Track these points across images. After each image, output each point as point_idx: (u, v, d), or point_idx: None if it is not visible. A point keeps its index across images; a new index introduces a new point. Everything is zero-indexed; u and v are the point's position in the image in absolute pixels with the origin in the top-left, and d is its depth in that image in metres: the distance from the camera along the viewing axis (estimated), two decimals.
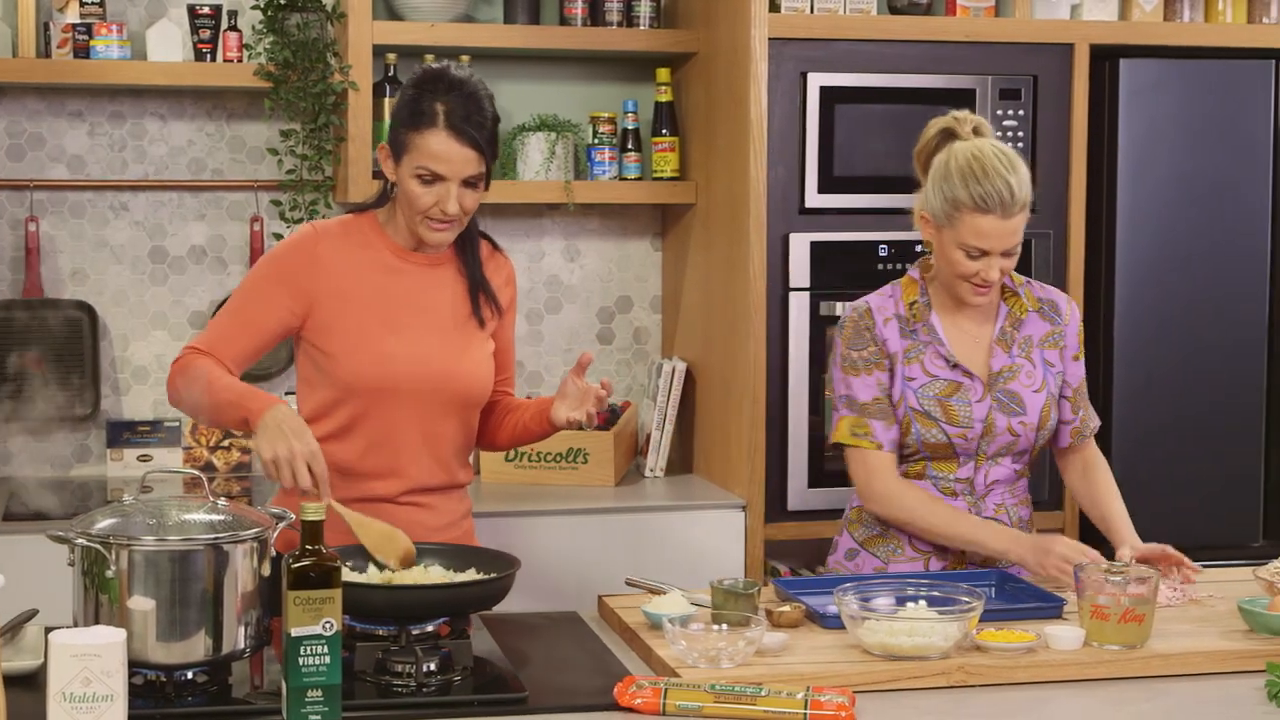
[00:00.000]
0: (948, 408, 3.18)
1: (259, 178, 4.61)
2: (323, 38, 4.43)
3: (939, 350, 3.20)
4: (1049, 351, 3.25)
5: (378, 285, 3.11)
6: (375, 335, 3.08)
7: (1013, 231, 3.08)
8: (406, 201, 3.07)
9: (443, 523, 3.16)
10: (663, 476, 4.60)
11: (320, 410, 3.11)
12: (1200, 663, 2.70)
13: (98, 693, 2.20)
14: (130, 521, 2.47)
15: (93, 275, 4.57)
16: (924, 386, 3.19)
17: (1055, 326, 3.26)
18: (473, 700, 2.48)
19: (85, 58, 4.33)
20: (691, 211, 4.66)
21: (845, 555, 3.33)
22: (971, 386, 3.19)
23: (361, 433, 3.09)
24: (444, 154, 3.01)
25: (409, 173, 3.04)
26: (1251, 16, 4.66)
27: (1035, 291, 3.28)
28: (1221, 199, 4.53)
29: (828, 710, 2.40)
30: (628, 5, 4.60)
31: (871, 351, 3.21)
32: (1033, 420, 3.21)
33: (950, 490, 3.21)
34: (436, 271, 3.16)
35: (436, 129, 3.01)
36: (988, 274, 3.11)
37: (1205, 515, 4.55)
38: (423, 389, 3.08)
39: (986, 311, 3.25)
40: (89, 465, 4.58)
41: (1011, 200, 3.06)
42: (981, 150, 3.10)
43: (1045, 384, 3.23)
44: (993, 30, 4.44)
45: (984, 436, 3.18)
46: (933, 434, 3.18)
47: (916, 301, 3.23)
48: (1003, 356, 3.22)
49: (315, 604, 2.31)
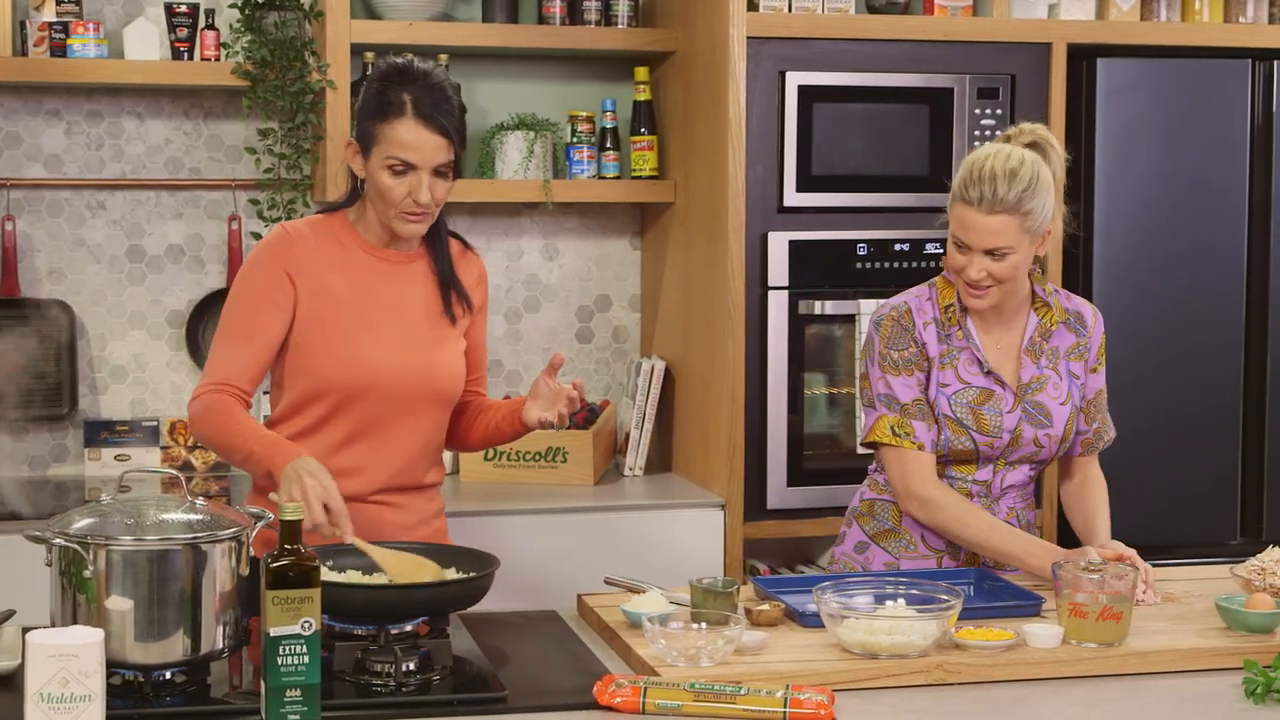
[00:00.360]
0: (979, 416, 3.18)
1: (237, 177, 4.60)
2: (300, 36, 4.42)
3: (974, 355, 3.20)
4: (1074, 364, 3.25)
5: (349, 283, 3.11)
6: (347, 333, 3.08)
7: (994, 231, 3.08)
8: (378, 195, 3.06)
9: (413, 521, 3.16)
10: (642, 475, 4.60)
11: (292, 408, 3.11)
12: (1178, 660, 2.70)
13: (76, 693, 2.20)
14: (108, 521, 2.46)
15: (70, 274, 4.55)
16: (958, 393, 3.18)
17: (1081, 339, 3.26)
18: (452, 700, 2.48)
19: (62, 56, 4.31)
20: (670, 210, 4.66)
21: (855, 548, 3.33)
22: (1003, 396, 3.19)
23: (332, 430, 3.09)
24: (413, 142, 3.01)
25: (379, 165, 3.03)
26: (1228, 16, 4.67)
27: (1063, 301, 3.28)
28: (1198, 198, 4.54)
29: (807, 709, 2.40)
30: (606, 4, 4.60)
31: (913, 352, 3.20)
32: (1058, 433, 3.21)
33: (965, 491, 3.22)
34: (408, 268, 3.16)
35: (405, 118, 3.01)
36: (969, 271, 3.11)
37: (1183, 513, 4.56)
38: (394, 386, 3.09)
39: (1014, 319, 3.24)
40: (66, 465, 4.57)
41: (994, 198, 3.06)
42: (995, 152, 3.12)
43: (1070, 396, 3.23)
44: (970, 29, 4.45)
45: (1010, 446, 3.19)
46: (961, 441, 3.18)
47: (952, 305, 3.22)
48: (1031, 367, 3.21)
49: (294, 603, 2.31)
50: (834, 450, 4.43)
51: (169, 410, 4.61)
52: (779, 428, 4.33)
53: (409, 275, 3.16)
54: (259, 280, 3.10)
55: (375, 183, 3.06)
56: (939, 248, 4.39)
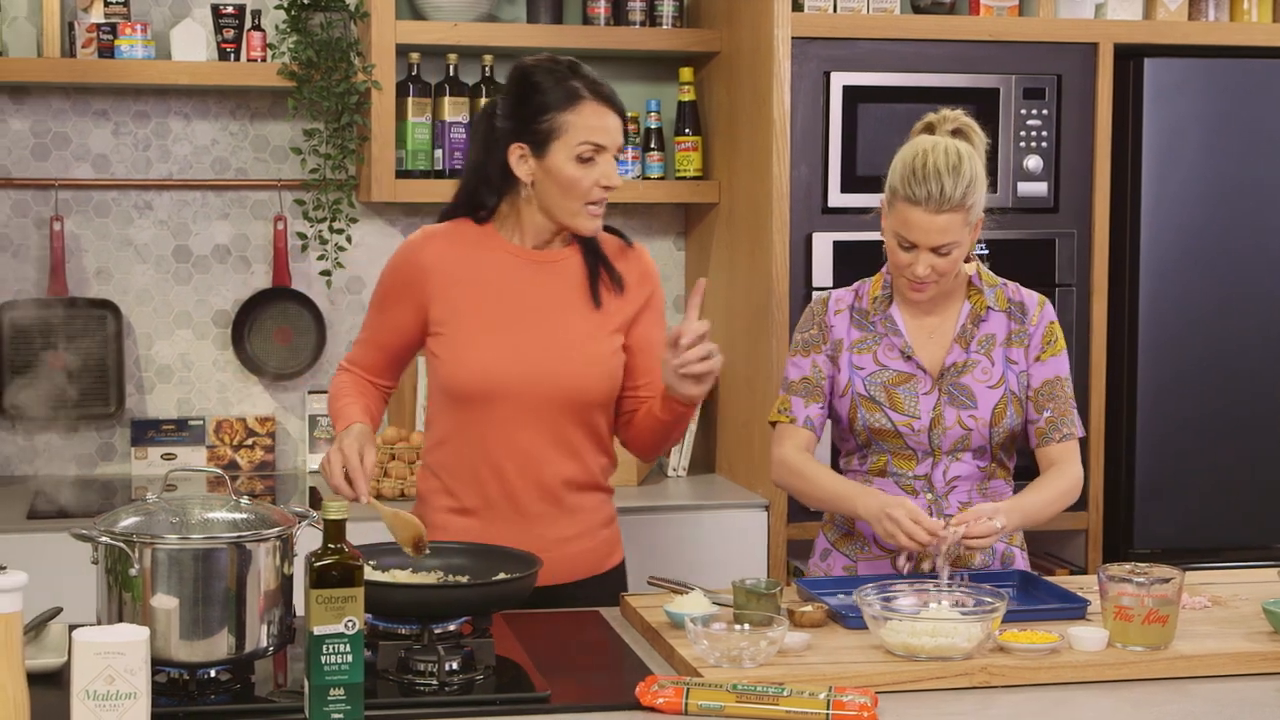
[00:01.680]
0: (893, 395, 3.18)
1: (282, 177, 4.62)
2: (346, 37, 4.43)
3: (894, 342, 3.21)
4: (1013, 350, 3.23)
5: (490, 284, 3.09)
6: (480, 338, 3.06)
7: (940, 229, 3.07)
8: (562, 190, 3.02)
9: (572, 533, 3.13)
10: (685, 476, 4.60)
11: (432, 416, 3.15)
12: (1224, 664, 2.69)
13: (121, 690, 2.21)
14: (153, 520, 2.47)
15: (117, 274, 4.58)
16: (872, 374, 3.20)
17: (1020, 325, 3.24)
18: (495, 699, 2.48)
19: (110, 57, 4.34)
20: (714, 211, 4.66)
21: (820, 556, 3.34)
22: (921, 379, 3.19)
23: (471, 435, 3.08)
24: (602, 125, 3.01)
25: (567, 156, 3.00)
26: (1277, 16, 4.64)
27: (1008, 293, 3.26)
28: (1246, 198, 4.51)
29: (850, 710, 2.40)
30: (650, 5, 4.60)
31: (813, 334, 3.25)
32: (984, 415, 3.18)
33: (910, 488, 3.19)
34: (559, 266, 3.11)
35: (589, 101, 3.01)
36: (915, 268, 3.10)
37: (1230, 516, 4.53)
38: (526, 390, 3.05)
39: (949, 308, 3.23)
40: (113, 464, 4.60)
41: (941, 197, 3.06)
42: (934, 146, 3.11)
43: (1004, 380, 3.21)
44: (1017, 29, 4.43)
45: (934, 429, 3.17)
46: (877, 418, 3.18)
47: (879, 295, 3.25)
48: (958, 352, 3.20)
49: (337, 603, 2.31)
50: None
51: (215, 410, 4.63)
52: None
53: (558, 273, 3.11)
54: (382, 286, 3.18)
55: (560, 177, 3.01)
56: (984, 247, 4.37)
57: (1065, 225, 4.45)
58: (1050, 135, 4.43)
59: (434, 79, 4.54)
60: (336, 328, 4.65)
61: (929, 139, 3.14)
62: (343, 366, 3.22)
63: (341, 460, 2.94)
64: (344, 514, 2.36)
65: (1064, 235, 4.44)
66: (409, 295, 3.11)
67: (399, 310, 3.12)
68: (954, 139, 3.15)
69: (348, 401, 3.12)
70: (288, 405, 4.68)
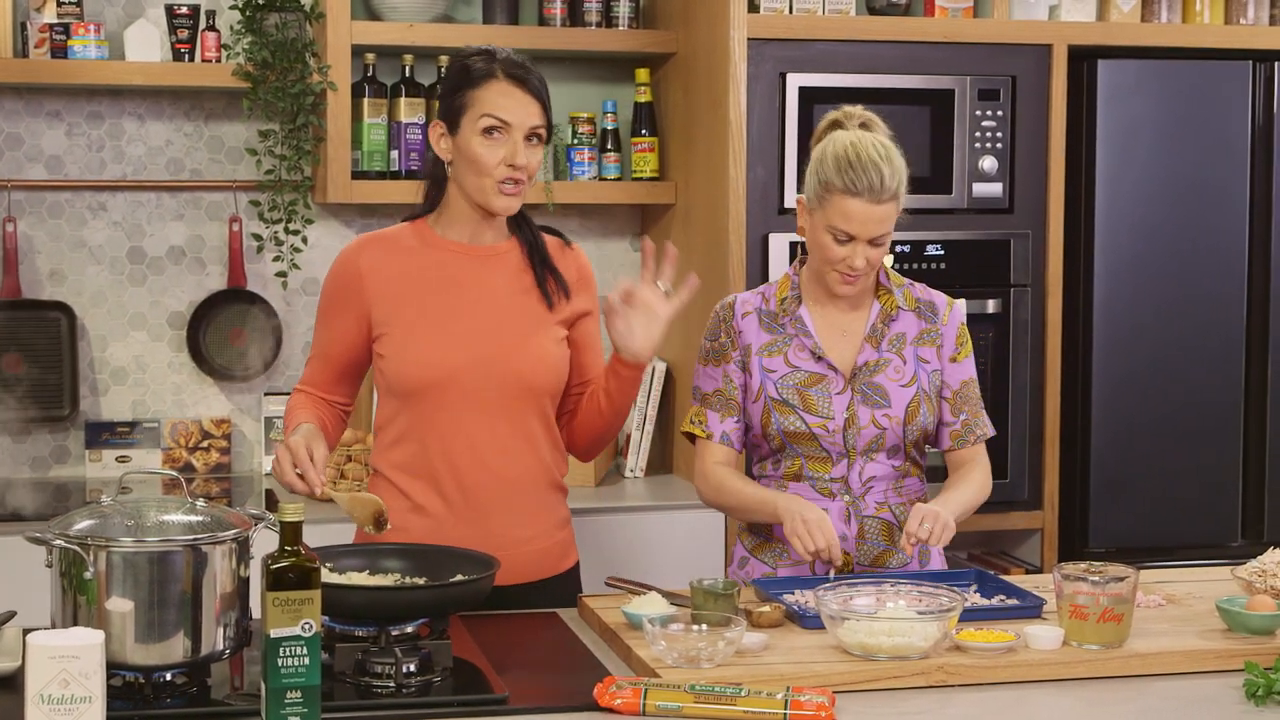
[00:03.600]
0: (806, 397, 3.18)
1: (238, 178, 4.60)
2: (301, 38, 4.42)
3: (804, 343, 3.21)
4: (924, 349, 3.24)
5: (429, 283, 3.10)
6: (424, 332, 3.06)
7: (880, 219, 3.09)
8: (471, 167, 3.04)
9: (529, 534, 3.13)
10: (643, 477, 4.60)
11: (385, 415, 3.14)
12: (1179, 662, 2.70)
13: (76, 694, 2.20)
14: (108, 522, 2.46)
15: (71, 276, 4.56)
16: (784, 377, 3.20)
17: (931, 325, 3.25)
18: (453, 701, 2.48)
19: (63, 57, 4.31)
20: (671, 212, 4.66)
21: (738, 564, 3.34)
22: (834, 379, 3.19)
23: (423, 432, 3.08)
24: (507, 102, 3.02)
25: (473, 132, 3.02)
26: (1229, 17, 4.67)
27: (915, 292, 3.28)
28: (1199, 199, 4.54)
29: (808, 710, 2.40)
30: (606, 6, 4.60)
31: (722, 343, 3.25)
32: (898, 414, 3.19)
33: (827, 491, 3.20)
34: (495, 261, 3.13)
35: (496, 79, 3.03)
36: (853, 261, 3.11)
37: (1184, 515, 4.56)
38: (476, 381, 3.06)
39: (859, 307, 3.24)
40: (67, 466, 4.57)
41: (881, 187, 3.08)
42: (860, 139, 3.12)
43: (916, 379, 3.22)
44: (971, 31, 4.45)
45: (848, 429, 3.17)
46: (791, 421, 3.18)
47: (787, 296, 3.25)
48: (870, 351, 3.21)
49: (294, 605, 2.30)
50: None
51: (170, 412, 4.61)
52: None
53: (498, 267, 3.13)
54: (323, 299, 3.18)
55: (468, 154, 3.04)
56: (939, 249, 4.39)
57: (1020, 226, 4.47)
58: (1005, 136, 4.44)
59: (390, 80, 4.53)
60: (293, 329, 4.64)
61: (848, 134, 3.15)
62: (297, 388, 3.21)
63: (290, 457, 2.92)
64: (300, 516, 2.35)
65: (1019, 236, 4.46)
66: (350, 303, 3.11)
67: (342, 320, 3.12)
68: (865, 131, 3.17)
69: (296, 414, 3.12)
70: (243, 407, 4.66)
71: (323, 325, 3.18)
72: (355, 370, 3.18)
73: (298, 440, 2.93)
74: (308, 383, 3.19)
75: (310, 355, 3.22)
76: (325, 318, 3.17)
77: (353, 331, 3.12)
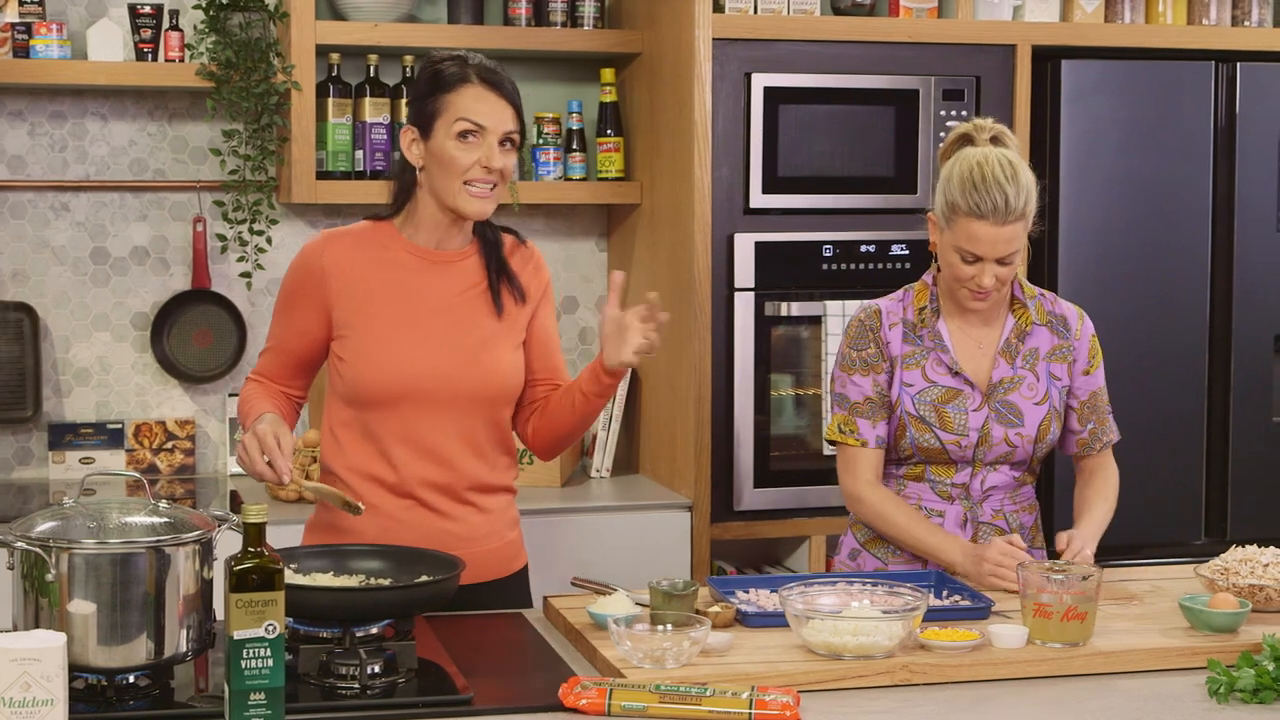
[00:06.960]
0: (943, 414, 3.19)
1: (201, 178, 4.59)
2: (265, 37, 4.41)
3: (942, 357, 3.21)
4: (1056, 365, 3.26)
5: (391, 287, 3.09)
6: (385, 338, 3.06)
7: (1007, 240, 3.09)
8: (444, 171, 3.03)
9: (479, 533, 3.13)
10: (609, 477, 4.60)
11: (340, 416, 3.12)
12: (1142, 660, 2.71)
13: (38, 697, 2.19)
14: (71, 524, 2.45)
15: (34, 276, 4.53)
16: (921, 392, 3.20)
17: (1064, 340, 3.27)
18: (417, 702, 2.47)
19: (25, 57, 4.29)
20: (636, 212, 4.66)
21: (849, 555, 3.35)
22: (970, 395, 3.20)
23: (380, 436, 3.07)
24: (481, 106, 3.01)
25: (447, 135, 3.01)
26: (1191, 18, 4.70)
27: (1046, 305, 3.28)
28: (1162, 199, 4.56)
29: (772, 710, 2.41)
30: (572, 6, 4.60)
31: (871, 353, 3.23)
32: (1030, 433, 3.22)
33: (946, 494, 3.22)
34: (457, 268, 3.12)
35: (471, 83, 3.02)
36: (981, 280, 3.12)
37: (1148, 513, 4.58)
38: (435, 390, 3.06)
39: (993, 320, 3.25)
40: (30, 468, 4.55)
41: (1006, 209, 3.07)
42: (986, 158, 3.11)
43: (1048, 397, 3.23)
44: (936, 31, 4.46)
45: (980, 445, 3.19)
46: (926, 439, 3.19)
47: (925, 307, 3.24)
48: (1005, 367, 3.22)
49: (258, 606, 2.30)
50: (801, 451, 4.43)
51: (133, 413, 4.59)
52: (745, 429, 4.34)
53: (458, 274, 3.12)
54: (283, 293, 3.15)
55: (441, 157, 3.02)
56: (904, 249, 4.40)
57: None
58: None
59: (354, 79, 4.52)
60: (257, 330, 4.62)
61: (976, 151, 3.14)
62: (250, 377, 3.20)
63: (259, 445, 2.91)
64: (264, 517, 2.34)
65: None
66: (311, 299, 3.09)
67: (302, 314, 3.11)
68: (994, 147, 3.16)
69: (255, 403, 3.11)
70: (208, 408, 4.64)
71: (283, 317, 3.16)
72: (312, 363, 3.17)
73: (264, 428, 2.92)
74: (263, 373, 3.18)
75: (267, 346, 3.19)
76: (285, 310, 3.15)
77: (314, 327, 3.11)
